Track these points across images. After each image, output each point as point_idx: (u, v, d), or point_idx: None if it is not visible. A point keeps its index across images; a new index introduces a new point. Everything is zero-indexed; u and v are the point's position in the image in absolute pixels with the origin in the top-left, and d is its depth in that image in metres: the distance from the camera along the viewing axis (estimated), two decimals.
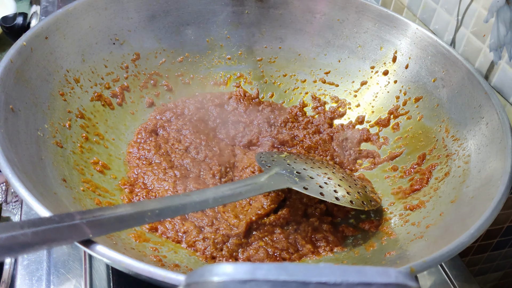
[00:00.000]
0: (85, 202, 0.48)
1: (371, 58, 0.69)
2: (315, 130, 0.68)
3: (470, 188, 0.48)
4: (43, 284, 0.50)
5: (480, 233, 0.39)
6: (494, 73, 0.58)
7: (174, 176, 0.57)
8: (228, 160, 0.61)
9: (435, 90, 0.60)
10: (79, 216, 0.32)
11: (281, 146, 0.65)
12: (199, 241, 0.51)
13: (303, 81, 0.74)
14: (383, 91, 0.68)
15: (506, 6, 0.54)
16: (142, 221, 0.38)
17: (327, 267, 0.22)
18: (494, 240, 0.75)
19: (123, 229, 0.36)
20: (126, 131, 0.63)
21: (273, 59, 0.75)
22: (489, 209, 0.40)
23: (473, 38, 0.61)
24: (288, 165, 0.54)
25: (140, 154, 0.60)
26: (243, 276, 0.21)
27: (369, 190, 0.57)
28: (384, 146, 0.65)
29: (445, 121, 0.58)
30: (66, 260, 0.53)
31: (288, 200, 0.56)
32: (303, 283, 0.21)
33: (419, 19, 0.70)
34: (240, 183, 0.47)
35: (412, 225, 0.50)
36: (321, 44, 0.72)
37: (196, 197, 0.41)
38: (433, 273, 0.58)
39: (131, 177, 0.57)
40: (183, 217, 0.53)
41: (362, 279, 0.21)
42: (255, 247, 0.51)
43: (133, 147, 0.61)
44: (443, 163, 0.55)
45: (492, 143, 0.49)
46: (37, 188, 0.40)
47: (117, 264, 0.34)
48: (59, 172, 0.48)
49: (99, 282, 0.51)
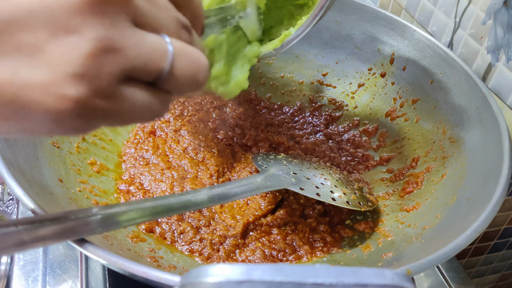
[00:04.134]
0: (82, 203, 0.48)
1: (369, 59, 0.69)
2: (312, 131, 0.68)
3: (467, 190, 0.48)
4: (39, 284, 0.50)
5: (477, 235, 0.39)
6: (492, 75, 0.58)
7: (172, 177, 0.57)
8: (226, 161, 0.61)
9: (432, 92, 0.61)
10: (72, 215, 0.31)
11: (278, 147, 0.65)
12: (196, 242, 0.51)
13: (301, 82, 0.74)
14: (381, 92, 0.68)
15: (503, 8, 0.54)
16: (137, 220, 0.38)
17: (323, 268, 0.22)
18: (491, 242, 0.75)
19: (118, 228, 0.36)
20: (123, 131, 0.63)
21: (270, 60, 0.75)
22: (486, 211, 0.40)
23: (470, 40, 0.61)
24: (284, 166, 0.54)
25: (137, 154, 0.60)
26: (238, 277, 0.21)
27: (366, 191, 0.57)
28: (381, 147, 0.65)
29: (443, 123, 0.58)
30: (62, 261, 0.53)
31: (286, 201, 0.56)
32: (299, 284, 0.21)
33: (417, 21, 0.70)
34: (236, 183, 0.47)
35: (409, 227, 0.50)
36: (319, 45, 0.72)
37: (191, 197, 0.41)
38: (430, 275, 0.58)
39: (128, 178, 0.57)
40: (180, 218, 0.53)
41: (358, 280, 0.21)
42: (252, 248, 0.51)
43: (130, 148, 0.61)
44: (440, 165, 0.55)
45: (490, 145, 0.49)
46: (33, 188, 0.40)
47: (113, 265, 0.34)
48: (56, 172, 0.48)
49: (95, 283, 0.51)
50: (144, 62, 0.24)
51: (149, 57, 0.24)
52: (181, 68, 0.25)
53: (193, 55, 0.26)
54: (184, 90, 0.27)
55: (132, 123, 0.26)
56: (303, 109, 0.72)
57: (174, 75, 0.25)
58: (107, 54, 0.22)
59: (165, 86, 0.26)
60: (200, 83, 0.27)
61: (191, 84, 0.27)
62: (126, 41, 0.23)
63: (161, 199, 0.39)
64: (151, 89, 0.25)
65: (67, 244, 0.55)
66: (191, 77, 0.26)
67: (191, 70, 0.26)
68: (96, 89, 0.22)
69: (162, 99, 0.26)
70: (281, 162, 0.56)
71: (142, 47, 0.24)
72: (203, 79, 0.27)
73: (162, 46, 0.25)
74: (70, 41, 0.22)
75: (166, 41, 0.25)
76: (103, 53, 0.22)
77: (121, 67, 0.23)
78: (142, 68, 0.24)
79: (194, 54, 0.26)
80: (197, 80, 0.27)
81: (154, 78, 0.25)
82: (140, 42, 0.24)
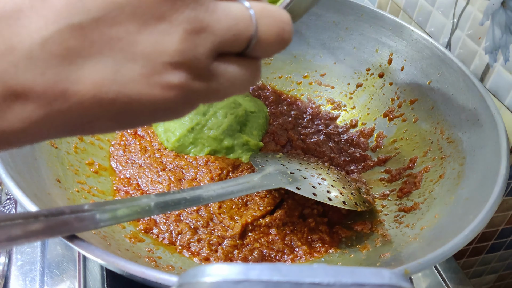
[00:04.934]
0: (79, 203, 0.48)
1: (367, 60, 0.69)
2: (310, 132, 0.68)
3: (465, 190, 0.48)
4: (36, 285, 0.50)
5: (474, 235, 0.39)
6: (490, 75, 0.58)
7: (169, 179, 0.57)
8: (227, 163, 0.61)
9: (430, 92, 0.61)
10: (68, 210, 0.31)
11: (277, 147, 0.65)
12: (194, 242, 0.51)
13: (299, 83, 0.74)
14: (379, 93, 0.68)
15: (501, 9, 0.54)
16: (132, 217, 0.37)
17: (320, 268, 0.22)
18: (489, 242, 0.75)
19: (113, 224, 0.36)
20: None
21: (268, 60, 0.75)
22: (484, 211, 0.40)
23: (468, 40, 0.61)
24: (282, 165, 0.54)
25: (127, 157, 0.60)
26: (236, 276, 0.21)
27: (363, 192, 0.57)
28: (378, 148, 0.65)
29: (440, 123, 0.58)
30: (60, 261, 0.53)
31: (285, 201, 0.56)
32: (297, 283, 0.21)
33: (415, 22, 0.70)
34: (233, 182, 0.47)
35: (407, 227, 0.50)
36: (317, 46, 0.72)
37: (187, 194, 0.41)
38: (428, 275, 0.58)
39: (124, 179, 0.57)
40: (178, 218, 0.53)
41: (356, 280, 0.21)
42: (250, 248, 0.51)
43: (119, 150, 0.60)
44: (438, 165, 0.55)
45: (487, 146, 0.49)
46: (31, 188, 0.40)
47: (111, 265, 0.34)
48: (53, 173, 0.48)
49: (93, 283, 0.51)
50: (233, 34, 0.23)
51: (236, 28, 0.23)
52: (267, 31, 0.25)
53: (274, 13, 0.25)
54: (273, 52, 0.26)
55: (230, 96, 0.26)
56: (303, 109, 0.72)
57: (261, 40, 0.25)
58: (198, 35, 0.22)
59: (254, 53, 0.25)
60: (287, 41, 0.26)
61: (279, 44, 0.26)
62: (212, 17, 0.23)
63: (157, 197, 0.39)
64: (241, 59, 0.25)
65: (65, 244, 0.55)
66: (278, 36, 0.25)
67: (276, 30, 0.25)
68: (195, 71, 0.23)
69: (253, 67, 0.26)
70: (279, 161, 0.56)
71: (228, 20, 0.23)
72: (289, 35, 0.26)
73: (245, 13, 0.24)
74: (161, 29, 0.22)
75: (247, 6, 0.24)
76: (194, 34, 0.22)
77: (212, 45, 0.23)
78: (232, 41, 0.24)
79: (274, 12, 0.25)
80: (284, 38, 0.26)
81: (244, 48, 0.25)
82: (224, 15, 0.23)
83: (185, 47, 0.22)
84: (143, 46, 0.21)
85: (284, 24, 0.25)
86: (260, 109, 0.68)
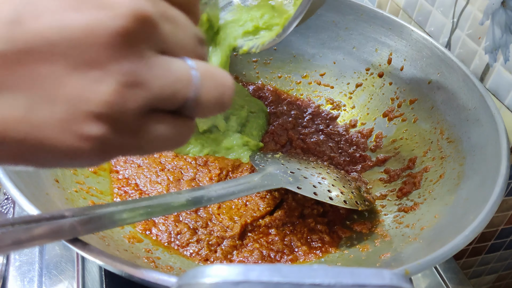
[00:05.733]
0: (78, 203, 0.48)
1: (366, 60, 0.69)
2: (310, 132, 0.68)
3: (464, 190, 0.48)
4: (35, 285, 0.50)
5: (474, 235, 0.39)
6: (489, 75, 0.58)
7: (167, 179, 0.57)
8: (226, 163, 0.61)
9: (430, 92, 0.60)
10: (68, 213, 0.31)
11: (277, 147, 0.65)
12: (193, 243, 0.50)
13: (298, 82, 0.74)
14: (378, 93, 0.68)
15: (501, 9, 0.54)
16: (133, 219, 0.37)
17: (320, 269, 0.21)
18: (488, 242, 0.75)
19: (113, 227, 0.35)
20: None
21: (268, 60, 0.74)
22: (484, 211, 0.40)
23: (468, 40, 0.61)
24: (282, 165, 0.54)
25: (126, 157, 0.59)
26: (235, 277, 0.21)
27: (363, 191, 0.57)
28: (378, 148, 0.65)
29: (440, 123, 0.58)
30: (59, 262, 0.53)
31: (285, 202, 0.56)
32: (297, 284, 0.21)
33: (414, 21, 0.70)
34: (233, 182, 0.47)
35: (407, 227, 0.50)
36: (316, 45, 0.72)
37: (188, 195, 0.41)
38: (427, 276, 0.58)
39: (122, 179, 0.57)
40: (177, 219, 0.53)
41: (356, 281, 0.21)
42: (250, 248, 0.51)
43: None
44: (438, 165, 0.55)
45: (487, 145, 0.49)
46: (29, 188, 0.40)
47: (110, 266, 0.34)
48: (52, 173, 0.48)
49: (91, 284, 0.51)
50: (170, 92, 0.22)
51: (175, 86, 0.22)
52: (207, 93, 0.23)
53: (218, 76, 0.24)
54: (210, 114, 0.25)
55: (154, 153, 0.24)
56: (303, 108, 0.72)
57: (199, 101, 0.23)
58: (131, 89, 0.21)
59: (190, 113, 0.24)
60: (226, 105, 0.25)
61: (217, 107, 0.24)
62: (151, 73, 0.21)
63: (156, 198, 0.39)
64: (173, 118, 0.24)
65: (63, 245, 0.54)
66: (217, 100, 0.24)
67: (217, 94, 0.24)
68: (119, 126, 0.21)
69: (184, 127, 0.24)
70: (279, 161, 0.55)
71: (167, 78, 0.22)
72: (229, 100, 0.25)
73: (187, 73, 0.23)
74: (93, 76, 0.20)
75: (190, 66, 0.23)
76: (127, 88, 0.20)
77: (144, 101, 0.21)
78: (166, 100, 0.22)
79: (218, 75, 0.24)
80: (223, 102, 0.24)
81: (179, 106, 0.23)
82: (165, 71, 0.22)
83: (114, 100, 0.20)
84: (69, 90, 0.20)
85: (225, 88, 0.24)
86: (260, 109, 0.68)
